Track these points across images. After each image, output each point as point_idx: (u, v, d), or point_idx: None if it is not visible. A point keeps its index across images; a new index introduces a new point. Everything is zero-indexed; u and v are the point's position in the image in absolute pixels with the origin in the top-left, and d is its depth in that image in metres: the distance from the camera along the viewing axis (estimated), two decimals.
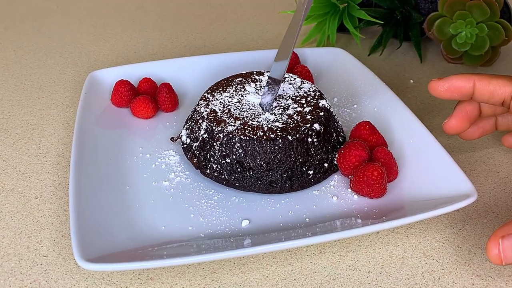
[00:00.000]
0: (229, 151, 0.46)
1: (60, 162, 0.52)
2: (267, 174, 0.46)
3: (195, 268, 0.40)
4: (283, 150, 0.46)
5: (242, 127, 0.46)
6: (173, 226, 0.43)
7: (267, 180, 0.46)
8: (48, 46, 0.77)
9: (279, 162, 0.46)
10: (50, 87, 0.66)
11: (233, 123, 0.47)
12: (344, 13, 0.71)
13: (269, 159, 0.46)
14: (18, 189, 0.49)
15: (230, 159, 0.46)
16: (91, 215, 0.42)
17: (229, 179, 0.46)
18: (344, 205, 0.45)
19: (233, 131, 0.46)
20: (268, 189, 0.46)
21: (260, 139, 0.45)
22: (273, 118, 0.48)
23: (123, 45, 0.78)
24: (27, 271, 0.40)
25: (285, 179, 0.46)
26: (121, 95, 0.57)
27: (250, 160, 0.46)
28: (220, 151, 0.47)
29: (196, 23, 0.85)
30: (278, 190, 0.46)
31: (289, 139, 0.45)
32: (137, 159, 0.51)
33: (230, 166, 0.46)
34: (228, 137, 0.46)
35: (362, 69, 0.62)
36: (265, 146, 0.45)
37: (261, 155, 0.46)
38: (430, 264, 0.41)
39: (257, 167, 0.46)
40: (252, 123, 0.47)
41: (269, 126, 0.46)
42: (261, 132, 0.46)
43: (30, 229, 0.44)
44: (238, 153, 0.46)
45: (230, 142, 0.46)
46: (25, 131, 0.57)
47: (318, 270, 0.40)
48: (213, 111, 0.49)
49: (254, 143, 0.45)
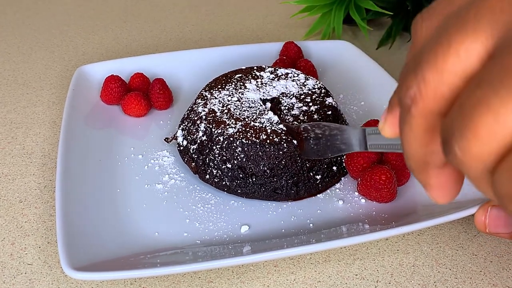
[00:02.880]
0: (230, 156, 0.46)
1: (46, 164, 0.52)
2: (271, 180, 0.46)
3: (190, 277, 0.40)
4: (288, 154, 0.45)
5: (244, 129, 0.46)
6: (167, 232, 0.43)
7: (271, 187, 0.46)
8: (33, 39, 0.77)
9: (284, 168, 0.46)
10: (35, 83, 0.66)
11: (234, 124, 0.47)
12: (350, 3, 0.72)
13: (273, 165, 0.45)
14: (1, 193, 0.49)
15: (231, 164, 0.46)
16: (79, 221, 0.42)
17: (231, 185, 0.46)
18: (350, 210, 0.45)
19: (234, 134, 0.46)
20: (273, 196, 0.46)
21: (263, 143, 0.45)
22: (277, 120, 0.47)
23: (113, 38, 0.78)
24: (10, 280, 0.40)
25: (290, 185, 0.46)
26: (111, 91, 0.57)
27: (253, 166, 0.46)
28: (220, 156, 0.46)
29: (191, 14, 0.85)
30: (283, 198, 0.46)
31: (294, 143, 0.45)
32: (128, 160, 0.51)
33: (231, 171, 0.46)
34: (228, 141, 0.46)
35: (370, 64, 0.62)
36: (269, 150, 0.45)
37: (264, 160, 0.45)
38: (443, 273, 0.41)
39: (260, 173, 0.46)
40: (254, 125, 0.47)
41: (272, 128, 0.46)
42: (264, 135, 0.46)
43: (14, 236, 0.44)
44: (240, 158, 0.46)
45: (231, 146, 0.46)
46: (8, 130, 0.57)
47: (323, 280, 0.41)
48: (211, 111, 0.49)
49: (257, 147, 0.45)
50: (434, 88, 0.19)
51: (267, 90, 0.51)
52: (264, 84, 0.52)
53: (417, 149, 0.21)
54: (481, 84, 0.17)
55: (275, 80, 0.53)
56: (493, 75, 0.17)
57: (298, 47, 0.64)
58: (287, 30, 0.80)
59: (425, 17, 0.21)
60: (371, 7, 0.70)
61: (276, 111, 0.49)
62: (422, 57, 0.19)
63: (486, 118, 0.16)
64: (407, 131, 0.21)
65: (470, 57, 0.18)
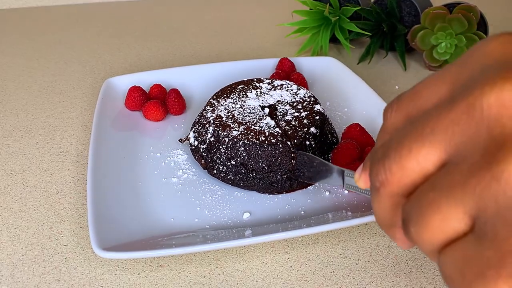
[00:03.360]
0: (234, 154, 0.46)
1: (79, 161, 0.52)
2: (269, 175, 0.46)
3: (200, 256, 0.40)
4: (283, 153, 0.45)
5: (246, 132, 0.46)
6: (181, 218, 0.43)
7: (269, 181, 0.46)
8: (68, 56, 0.77)
9: (279, 165, 0.45)
10: (69, 93, 0.66)
11: (237, 128, 0.47)
12: (335, 25, 0.71)
13: (270, 162, 0.45)
14: (41, 185, 0.49)
15: (235, 161, 0.46)
16: (106, 208, 0.42)
17: (234, 179, 0.46)
18: (335, 200, 0.45)
19: (238, 136, 0.46)
20: (269, 189, 0.46)
21: (262, 144, 0.45)
22: (273, 124, 0.47)
23: (135, 54, 0.78)
24: (49, 258, 0.40)
25: (285, 180, 0.46)
26: (134, 99, 0.57)
27: (253, 163, 0.45)
28: (225, 154, 0.46)
29: (201, 35, 0.85)
30: (278, 190, 0.46)
31: (288, 144, 0.45)
32: (148, 158, 0.51)
33: (235, 167, 0.46)
34: (233, 141, 0.46)
35: (352, 76, 0.62)
36: (267, 150, 0.45)
37: (263, 158, 0.45)
38: (414, 253, 0.41)
39: (259, 169, 0.45)
40: (254, 128, 0.47)
41: (270, 131, 0.46)
42: (263, 137, 0.46)
43: (52, 221, 0.44)
44: (242, 156, 0.46)
45: (235, 146, 0.46)
46: (47, 132, 0.57)
47: (312, 258, 0.40)
48: (218, 116, 0.49)
49: (257, 147, 0.45)
50: (398, 179, 0.20)
51: (265, 99, 0.51)
52: (263, 93, 0.52)
53: (384, 216, 0.22)
54: (435, 188, 0.18)
55: (272, 90, 0.53)
56: (444, 183, 0.18)
57: (291, 62, 0.64)
58: (282, 48, 0.80)
59: (394, 108, 0.22)
60: (353, 28, 0.70)
61: (272, 116, 0.49)
62: (390, 152, 0.20)
63: (436, 217, 0.18)
64: (376, 203, 0.22)
65: (427, 163, 0.19)
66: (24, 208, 0.46)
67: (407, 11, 0.73)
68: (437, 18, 0.66)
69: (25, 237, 0.42)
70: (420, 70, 0.72)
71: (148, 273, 0.39)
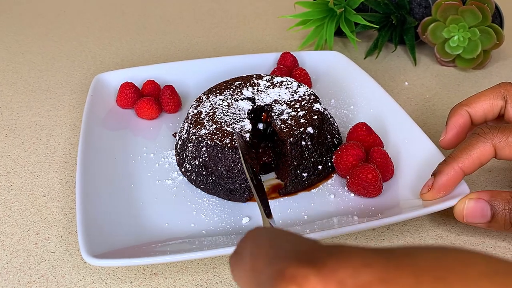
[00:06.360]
0: (197, 154, 0.46)
1: (67, 162, 0.52)
2: (227, 181, 0.45)
3: (197, 264, 0.40)
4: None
5: (214, 132, 0.46)
6: (176, 223, 0.43)
7: (227, 188, 0.45)
8: (55, 50, 0.77)
9: (238, 172, 0.45)
10: (57, 89, 0.66)
11: (209, 126, 0.47)
12: (341, 17, 0.71)
13: (229, 167, 0.45)
14: (27, 188, 0.49)
15: (198, 161, 0.46)
16: (97, 213, 0.42)
17: (196, 180, 0.46)
18: (341, 203, 0.45)
19: (203, 135, 0.46)
20: (228, 196, 0.45)
21: (223, 147, 0.45)
22: (249, 127, 0.47)
23: (128, 48, 0.78)
24: (35, 266, 0.40)
25: (243, 189, 0.45)
26: (126, 96, 0.57)
27: (213, 165, 0.45)
28: (191, 153, 0.47)
29: (198, 28, 0.85)
30: (236, 199, 0.45)
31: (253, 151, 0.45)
32: (141, 159, 0.51)
33: (198, 168, 0.46)
34: (198, 140, 0.46)
35: (358, 72, 0.62)
36: (227, 153, 0.45)
37: (222, 162, 0.45)
38: None
39: (218, 173, 0.45)
40: (226, 129, 0.46)
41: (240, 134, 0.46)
42: (228, 139, 0.45)
43: (38, 226, 0.44)
44: (204, 157, 0.46)
45: (199, 145, 0.46)
46: (33, 132, 0.57)
47: None
48: (198, 113, 0.49)
49: (217, 149, 0.45)
50: None
51: (262, 97, 0.51)
52: (260, 91, 0.52)
53: None
54: None
55: (270, 88, 0.53)
56: None
57: (294, 57, 0.64)
58: (284, 41, 0.80)
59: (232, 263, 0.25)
60: (359, 21, 0.70)
61: (261, 119, 0.49)
62: None
63: None
64: None
65: None
66: (9, 213, 0.46)
67: (417, 2, 0.73)
68: (449, 10, 0.66)
69: (10, 244, 0.42)
70: (431, 65, 0.72)
71: (141, 282, 0.39)
